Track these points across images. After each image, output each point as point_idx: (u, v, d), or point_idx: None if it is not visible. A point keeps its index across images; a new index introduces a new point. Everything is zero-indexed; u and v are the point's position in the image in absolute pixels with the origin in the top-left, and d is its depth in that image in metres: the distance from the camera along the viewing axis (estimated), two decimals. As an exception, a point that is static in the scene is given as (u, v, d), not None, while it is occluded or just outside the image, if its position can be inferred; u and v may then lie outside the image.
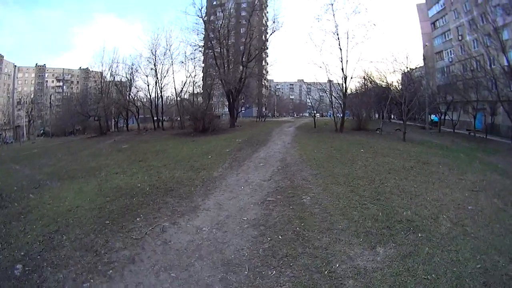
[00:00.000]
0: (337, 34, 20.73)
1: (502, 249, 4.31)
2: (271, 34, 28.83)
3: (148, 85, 34.11)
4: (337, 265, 3.81)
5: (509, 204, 6.15)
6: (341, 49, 20.71)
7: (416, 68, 29.49)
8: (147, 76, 33.75)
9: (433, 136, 21.56)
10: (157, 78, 32.71)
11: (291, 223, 4.89)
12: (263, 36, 32.22)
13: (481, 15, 26.12)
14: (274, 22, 28.44)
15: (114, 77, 36.55)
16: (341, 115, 22.55)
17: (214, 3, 37.44)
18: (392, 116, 40.89)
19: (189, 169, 9.74)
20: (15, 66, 77.97)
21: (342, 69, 20.89)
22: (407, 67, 25.41)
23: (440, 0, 35.04)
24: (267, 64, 47.09)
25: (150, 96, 34.17)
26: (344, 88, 21.49)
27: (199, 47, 29.45)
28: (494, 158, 12.68)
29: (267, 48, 33.22)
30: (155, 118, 34.50)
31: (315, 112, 26.82)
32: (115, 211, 6.06)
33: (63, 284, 3.87)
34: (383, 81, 29.33)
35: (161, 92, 33.50)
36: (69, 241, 4.92)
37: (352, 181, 7.34)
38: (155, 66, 32.36)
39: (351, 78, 21.55)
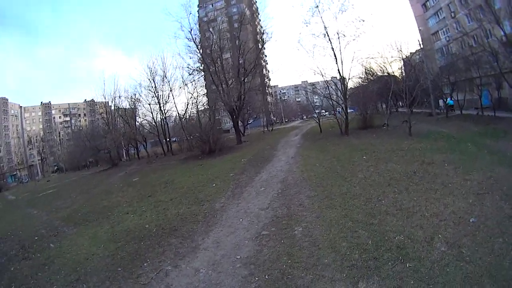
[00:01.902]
0: (328, 36, 21.25)
1: (497, 275, 4.09)
2: (262, 46, 29.57)
3: (152, 112, 35.76)
4: (316, 306, 4.08)
5: None
6: (334, 51, 21.23)
7: (416, 52, 29.29)
8: (149, 104, 35.42)
9: (441, 123, 21.32)
10: (159, 104, 34.19)
11: (279, 260, 5.29)
12: (260, 45, 33.06)
13: None
14: (263, 34, 29.31)
15: (118, 108, 38.47)
16: (346, 115, 22.73)
17: (205, 19, 38.77)
18: (400, 104, 40.25)
19: (193, 202, 10.40)
20: (21, 106, 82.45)
21: (339, 70, 21.32)
22: (405, 55, 25.43)
23: (426, -21, 34.98)
24: (269, 71, 48.03)
25: (156, 123, 35.62)
26: (343, 89, 21.82)
27: (194, 70, 30.71)
28: (503, 143, 12.40)
29: (265, 56, 33.95)
30: (164, 141, 36.01)
31: (319, 117, 27.12)
32: (125, 258, 6.73)
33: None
34: (384, 72, 29.40)
35: (165, 118, 34.93)
36: None
37: (348, 201, 7.57)
38: (155, 94, 33.95)
39: (349, 78, 21.92)
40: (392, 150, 13.25)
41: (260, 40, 33.69)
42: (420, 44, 28.48)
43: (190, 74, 31.50)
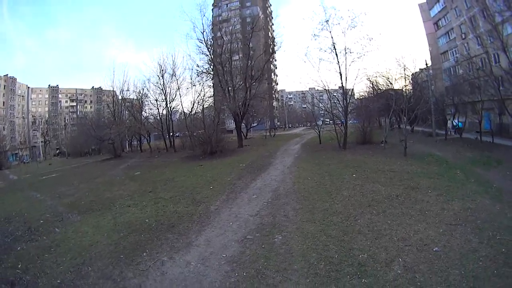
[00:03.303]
0: (335, 50, 22.15)
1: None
2: (271, 55, 30.68)
3: (158, 108, 37.12)
4: (279, 302, 5.08)
5: (485, 241, 6.31)
6: (339, 66, 22.13)
7: (422, 70, 30.04)
8: (156, 100, 36.80)
9: (438, 145, 21.67)
10: (166, 101, 35.54)
11: (257, 261, 6.37)
12: (269, 54, 34.25)
13: (482, 11, 26.43)
14: (274, 40, 30.56)
15: (125, 99, 39.90)
16: (346, 130, 23.37)
17: (219, 19, 40.07)
18: (405, 119, 40.90)
19: (191, 202, 11.54)
20: (28, 87, 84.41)
21: (342, 85, 22.36)
22: (411, 73, 25.97)
23: (441, -1, 35.68)
24: (277, 76, 49.10)
25: (161, 119, 36.92)
26: (345, 105, 22.80)
27: (202, 72, 32.02)
28: (494, 173, 12.77)
29: (275, 60, 34.89)
30: (167, 136, 37.30)
31: (319, 128, 28.05)
32: (127, 247, 7.79)
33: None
34: (389, 87, 30.28)
35: (170, 115, 36.33)
36: (93, 271, 6.68)
37: (327, 217, 8.52)
38: (163, 91, 35.32)
39: (351, 95, 22.79)
40: (383, 170, 14.08)
41: (271, 45, 34.85)
42: (426, 63, 29.38)
43: (198, 75, 32.79)
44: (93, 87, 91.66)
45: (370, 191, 10.84)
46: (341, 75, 22.09)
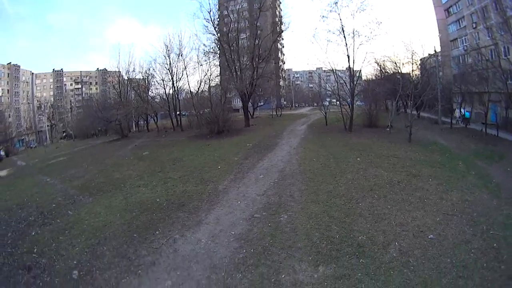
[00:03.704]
0: (343, 32, 21.78)
1: (432, 288, 4.89)
2: (278, 35, 30.05)
3: (164, 88, 36.98)
4: (283, 276, 5.55)
5: (479, 234, 6.51)
6: (347, 48, 21.86)
7: (430, 56, 29.45)
8: (163, 80, 36.55)
9: (443, 134, 21.44)
10: (173, 81, 35.40)
11: (264, 239, 6.80)
12: (277, 34, 33.65)
13: (494, 2, 25.77)
14: (281, 19, 29.92)
15: (131, 80, 39.79)
16: (352, 113, 23.27)
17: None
18: (412, 104, 40.52)
19: (199, 181, 11.89)
20: (32, 73, 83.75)
21: (350, 68, 22.13)
22: (419, 58, 25.46)
23: (452, -15, 34.37)
24: (284, 55, 48.19)
25: (168, 99, 36.84)
26: (352, 87, 22.60)
27: (209, 52, 31.75)
28: (495, 167, 12.58)
29: (282, 39, 34.06)
30: (174, 115, 37.39)
31: (326, 109, 27.90)
32: (140, 226, 8.15)
33: (108, 281, 5.97)
34: (397, 71, 29.87)
35: (177, 95, 36.26)
36: (109, 251, 7.00)
37: (331, 199, 8.87)
38: (169, 70, 35.04)
39: (358, 77, 22.47)
40: (387, 155, 14.18)
41: (278, 25, 34.14)
42: (435, 49, 28.62)
43: (205, 55, 32.50)
44: (97, 68, 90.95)
45: (373, 175, 11.09)
46: (348, 57, 21.92)
